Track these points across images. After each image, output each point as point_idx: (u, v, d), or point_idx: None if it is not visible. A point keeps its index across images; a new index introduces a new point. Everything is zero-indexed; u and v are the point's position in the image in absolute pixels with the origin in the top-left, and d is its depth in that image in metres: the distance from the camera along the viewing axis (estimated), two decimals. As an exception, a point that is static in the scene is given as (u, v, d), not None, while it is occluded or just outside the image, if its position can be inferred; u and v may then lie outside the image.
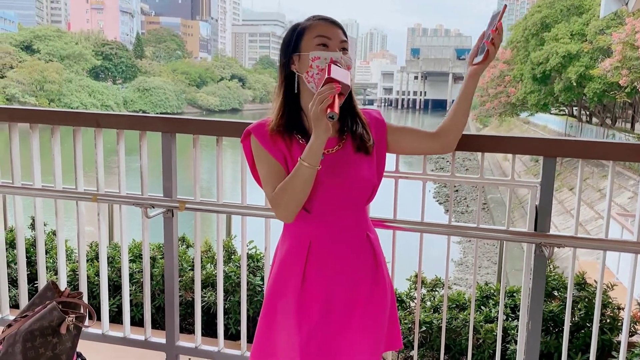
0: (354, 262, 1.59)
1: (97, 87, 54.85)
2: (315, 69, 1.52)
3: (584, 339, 2.46)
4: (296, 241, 1.59)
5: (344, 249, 1.58)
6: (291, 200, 1.50)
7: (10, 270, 2.99)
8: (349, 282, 1.59)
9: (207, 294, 2.87)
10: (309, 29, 1.55)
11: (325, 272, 1.58)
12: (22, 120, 2.44)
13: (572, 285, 2.07)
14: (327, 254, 1.58)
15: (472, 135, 1.96)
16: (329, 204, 1.55)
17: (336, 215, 1.56)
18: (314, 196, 1.52)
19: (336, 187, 1.55)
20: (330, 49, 1.52)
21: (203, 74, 70.92)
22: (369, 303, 1.61)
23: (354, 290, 1.59)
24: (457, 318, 2.63)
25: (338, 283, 1.58)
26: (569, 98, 23.36)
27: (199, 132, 2.28)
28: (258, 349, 1.65)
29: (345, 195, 1.56)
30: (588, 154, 1.97)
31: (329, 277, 1.57)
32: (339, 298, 1.58)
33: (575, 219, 2.02)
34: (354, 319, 1.59)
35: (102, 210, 2.46)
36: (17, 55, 50.17)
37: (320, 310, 1.57)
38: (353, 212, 1.59)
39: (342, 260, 1.58)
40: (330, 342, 1.58)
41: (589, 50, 20.75)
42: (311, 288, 1.58)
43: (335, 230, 1.57)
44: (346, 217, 1.58)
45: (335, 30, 1.55)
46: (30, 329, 1.87)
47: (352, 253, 1.59)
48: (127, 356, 2.51)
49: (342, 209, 1.57)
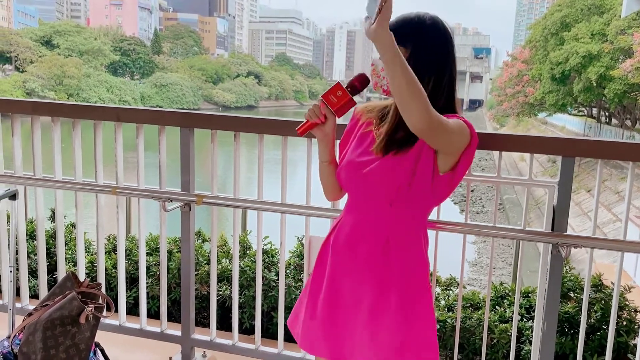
0: (364, 259, 1.54)
1: (115, 83, 55.37)
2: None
3: (599, 341, 2.43)
4: (332, 228, 1.68)
5: (357, 241, 1.56)
6: (323, 187, 1.71)
7: (30, 261, 3.04)
8: (355, 279, 1.56)
9: (222, 288, 2.90)
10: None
11: (338, 255, 1.60)
12: (45, 113, 2.48)
13: (589, 287, 2.05)
14: (343, 239, 1.59)
15: (490, 134, 1.96)
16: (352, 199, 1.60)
17: (358, 202, 1.57)
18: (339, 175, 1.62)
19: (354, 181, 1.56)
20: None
21: (219, 70, 71.23)
22: (375, 314, 1.53)
23: (359, 291, 1.56)
24: (472, 317, 2.62)
25: (346, 275, 1.58)
26: (589, 99, 23.07)
27: (218, 128, 2.30)
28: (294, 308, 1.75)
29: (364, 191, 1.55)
30: (607, 154, 1.95)
31: (339, 262, 1.60)
32: (345, 290, 1.58)
33: (593, 218, 2.01)
34: (357, 323, 1.57)
35: (120, 203, 2.49)
36: (37, 50, 50.84)
37: (327, 291, 1.60)
38: (375, 205, 1.52)
39: (353, 253, 1.57)
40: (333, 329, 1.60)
41: (609, 51, 20.47)
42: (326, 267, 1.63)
43: (356, 217, 1.57)
44: (367, 208, 1.54)
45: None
46: (51, 318, 1.91)
47: (364, 249, 1.55)
48: (143, 347, 2.55)
49: (364, 199, 1.55)
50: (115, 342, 2.44)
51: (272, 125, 2.25)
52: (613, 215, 14.66)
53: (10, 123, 2.51)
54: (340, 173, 1.61)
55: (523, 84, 27.20)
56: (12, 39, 49.68)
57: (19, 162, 2.54)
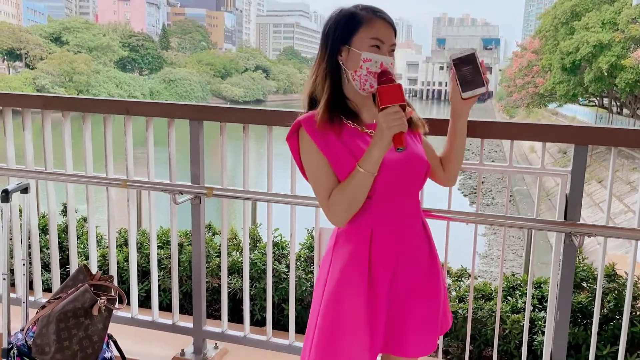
0: (413, 247, 1.59)
1: (124, 78, 55.60)
2: (364, 71, 1.49)
3: (612, 331, 2.41)
4: (356, 232, 1.55)
5: (405, 232, 1.57)
6: (350, 205, 1.50)
7: (43, 255, 3.07)
8: (409, 267, 1.58)
9: (233, 280, 2.91)
10: (366, 25, 1.50)
11: (390, 258, 1.56)
12: (55, 107, 2.49)
13: (602, 276, 2.03)
14: (390, 239, 1.55)
15: (502, 123, 1.94)
16: (393, 183, 1.53)
17: (395, 198, 1.55)
18: (379, 176, 1.48)
19: (401, 164, 1.53)
20: (381, 52, 1.50)
21: (227, 65, 71.27)
22: (426, 291, 1.61)
23: (413, 276, 1.58)
24: (483, 308, 2.61)
25: (401, 269, 1.57)
26: (600, 89, 22.81)
27: (227, 120, 2.31)
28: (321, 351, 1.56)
29: (408, 173, 1.55)
30: (621, 141, 1.92)
31: (393, 263, 1.56)
32: (401, 284, 1.57)
33: (607, 206, 1.98)
34: (413, 306, 1.58)
35: (131, 197, 2.50)
36: (46, 47, 51.16)
37: (387, 300, 1.56)
38: (411, 195, 1.59)
39: (403, 245, 1.57)
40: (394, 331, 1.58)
41: (620, 40, 20.21)
42: (378, 279, 1.55)
43: (396, 213, 1.55)
44: (405, 200, 1.57)
45: (390, 32, 1.52)
46: (64, 310, 1.93)
47: (411, 237, 1.59)
48: (155, 339, 2.57)
49: (402, 191, 1.56)
50: (128, 334, 2.46)
51: (280, 116, 2.24)
52: (625, 206, 14.52)
53: (21, 118, 2.53)
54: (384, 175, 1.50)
55: (533, 75, 26.94)
56: (22, 36, 50.03)
57: (30, 157, 2.56)
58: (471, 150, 28.90)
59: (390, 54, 1.53)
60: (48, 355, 1.93)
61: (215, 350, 2.47)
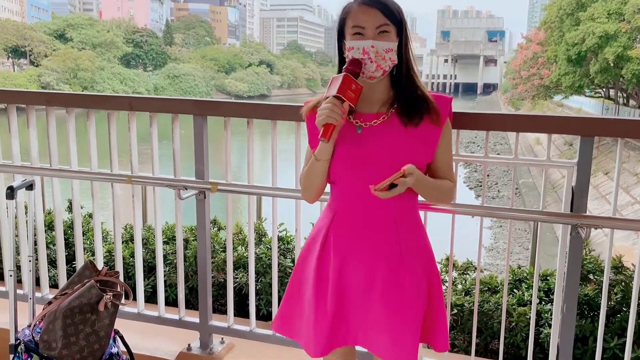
0: (373, 246, 1.57)
1: (129, 75, 55.66)
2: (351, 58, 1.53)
3: (620, 323, 2.40)
4: (325, 213, 1.67)
5: (365, 228, 1.58)
6: (307, 186, 1.65)
7: (49, 251, 3.08)
8: (365, 263, 1.57)
9: (238, 275, 2.91)
10: (349, 16, 1.55)
11: (342, 247, 1.59)
12: (59, 104, 2.49)
13: (609, 268, 2.02)
14: (347, 229, 1.59)
15: (507, 115, 1.93)
16: (353, 176, 1.55)
17: (362, 189, 1.52)
18: (341, 166, 1.56)
19: (361, 160, 1.55)
20: (365, 37, 1.51)
21: (231, 60, 71.20)
22: (390, 294, 1.56)
23: (370, 273, 1.57)
24: (489, 301, 2.61)
25: (353, 262, 1.58)
26: (606, 80, 22.65)
27: (230, 115, 2.30)
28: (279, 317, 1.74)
29: (368, 163, 1.54)
30: (628, 132, 1.90)
31: (344, 253, 1.59)
32: (353, 277, 1.58)
33: (613, 197, 1.96)
34: (371, 305, 1.57)
35: (136, 193, 2.51)
36: (51, 44, 51.25)
37: (334, 286, 1.59)
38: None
39: (359, 240, 1.58)
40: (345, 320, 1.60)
41: (627, 30, 20.05)
42: (328, 262, 1.61)
43: (359, 205, 1.57)
44: (373, 196, 1.52)
45: (372, 13, 1.51)
46: (70, 306, 1.93)
47: (372, 236, 1.57)
48: (161, 334, 2.57)
49: (365, 180, 1.51)
50: (135, 329, 2.46)
51: (284, 110, 2.24)
52: (631, 198, 14.45)
53: (26, 115, 2.53)
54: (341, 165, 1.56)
55: (538, 67, 26.80)
56: (26, 33, 50.12)
57: (35, 154, 2.56)
58: (476, 143, 28.75)
59: (379, 36, 1.51)
60: (55, 351, 1.94)
61: (222, 345, 2.47)
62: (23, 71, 48.08)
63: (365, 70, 1.52)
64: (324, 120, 1.48)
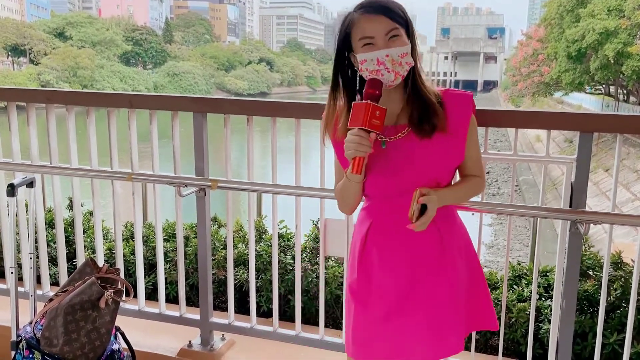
0: (415, 247, 1.57)
1: (128, 73, 55.63)
2: (366, 72, 1.48)
3: (619, 319, 2.41)
4: (360, 223, 1.65)
5: (402, 234, 1.54)
6: (342, 202, 1.65)
7: (50, 249, 3.08)
8: (408, 267, 1.57)
9: (238, 272, 2.92)
10: (354, 27, 1.47)
11: (384, 253, 1.58)
12: (58, 101, 2.50)
13: (609, 264, 2.03)
14: (385, 238, 1.58)
15: (507, 111, 1.93)
16: (386, 190, 1.56)
17: (397, 201, 1.54)
18: (372, 182, 1.55)
19: (392, 175, 1.53)
20: (376, 47, 1.46)
21: (231, 57, 71.16)
22: (431, 294, 1.57)
23: (413, 276, 1.57)
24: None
25: (397, 266, 1.57)
26: (606, 76, 22.64)
27: (230, 112, 2.30)
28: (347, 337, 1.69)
29: (402, 182, 1.53)
30: (627, 128, 1.90)
31: (387, 259, 1.58)
32: (396, 286, 1.57)
33: (612, 194, 1.97)
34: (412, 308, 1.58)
35: (136, 190, 2.51)
36: (50, 42, 51.23)
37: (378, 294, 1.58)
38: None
39: (401, 246, 1.57)
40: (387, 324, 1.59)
41: (627, 27, 20.01)
42: (370, 270, 1.59)
43: (395, 215, 1.54)
44: (406, 202, 1.50)
45: (378, 20, 1.45)
46: (71, 303, 1.94)
47: (412, 239, 1.55)
48: (162, 331, 2.58)
49: (403, 196, 1.51)
50: (136, 326, 2.47)
51: (284, 107, 2.24)
52: (631, 194, 14.45)
53: (26, 113, 2.54)
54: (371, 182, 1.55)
55: (538, 63, 26.78)
56: (26, 31, 50.09)
57: (35, 151, 2.57)
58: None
59: (390, 42, 1.46)
60: (56, 347, 1.95)
61: (223, 342, 2.48)
62: (22, 70, 48.04)
63: (383, 81, 1.47)
64: (354, 154, 1.44)
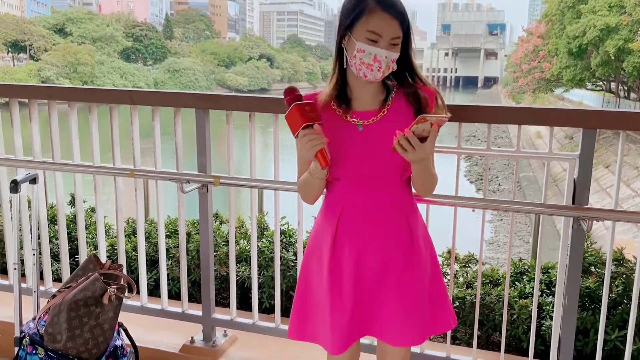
0: (385, 232, 1.60)
1: (129, 69, 55.55)
2: (358, 60, 1.51)
3: (621, 316, 2.41)
4: (330, 208, 1.65)
5: (376, 217, 1.60)
6: (304, 194, 1.69)
7: (52, 246, 3.09)
8: (380, 251, 1.60)
9: (240, 268, 2.92)
10: (367, 16, 1.48)
11: (356, 240, 1.60)
12: (61, 97, 2.50)
13: (611, 261, 2.03)
14: (358, 222, 1.60)
15: (510, 107, 1.93)
16: (359, 173, 1.58)
17: (368, 184, 1.58)
18: (344, 165, 1.57)
19: (366, 157, 1.56)
20: (379, 45, 1.49)
21: (231, 54, 71.00)
22: (403, 281, 1.60)
23: (385, 261, 1.60)
24: (491, 294, 2.62)
25: (369, 252, 1.60)
26: (607, 73, 22.60)
27: (232, 108, 2.30)
28: (293, 323, 1.71)
29: (375, 166, 1.56)
30: (630, 125, 1.91)
31: (359, 245, 1.60)
32: (369, 268, 1.60)
33: (615, 190, 1.97)
34: (386, 293, 1.60)
35: (138, 186, 2.51)
36: (50, 38, 51.12)
37: (350, 280, 1.60)
38: (386, 183, 1.60)
39: (373, 229, 1.60)
40: (362, 312, 1.61)
41: (628, 23, 19.97)
42: (343, 258, 1.61)
43: (367, 198, 1.59)
44: (379, 187, 1.59)
45: (392, 24, 1.48)
46: (74, 299, 1.94)
47: (384, 223, 1.60)
48: (165, 327, 2.59)
49: (374, 179, 1.58)
50: (138, 322, 2.47)
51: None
52: (632, 191, 14.45)
53: (28, 110, 2.53)
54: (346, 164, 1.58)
55: (539, 60, 26.71)
56: (26, 27, 49.99)
57: (38, 147, 2.57)
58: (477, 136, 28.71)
59: (392, 47, 1.51)
60: (60, 343, 1.95)
61: (225, 338, 2.49)
62: (22, 66, 47.98)
63: (368, 75, 1.52)
64: (313, 151, 1.48)
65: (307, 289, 1.70)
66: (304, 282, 1.71)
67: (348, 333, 1.61)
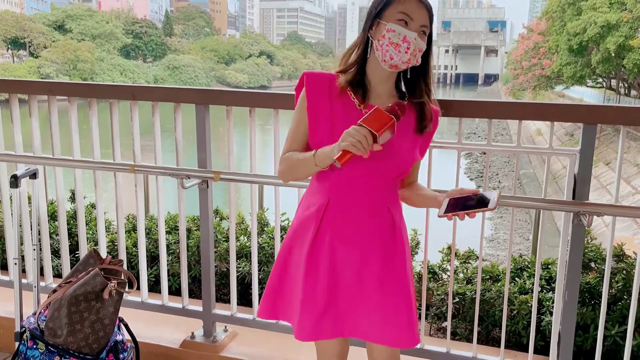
0: (369, 229, 1.61)
1: (128, 66, 55.51)
2: (387, 40, 1.52)
3: (621, 311, 2.42)
4: (316, 198, 1.64)
5: (362, 212, 1.60)
6: (291, 172, 1.64)
7: (52, 241, 3.09)
8: (360, 247, 1.60)
9: (241, 264, 2.93)
10: (398, 1, 1.52)
11: (338, 232, 1.60)
12: (61, 93, 2.49)
13: (611, 256, 2.03)
14: (342, 215, 1.60)
15: (511, 103, 1.93)
16: (355, 167, 1.55)
17: (361, 180, 1.59)
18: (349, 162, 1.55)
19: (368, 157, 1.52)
20: (409, 28, 1.51)
21: (231, 51, 70.96)
22: (384, 278, 1.61)
23: (367, 256, 1.60)
24: (491, 290, 2.62)
25: (348, 246, 1.60)
26: (607, 70, 22.59)
27: (232, 104, 2.30)
28: (263, 300, 1.73)
29: (374, 164, 1.56)
30: (631, 120, 1.91)
31: (341, 237, 1.60)
32: (349, 262, 1.60)
33: (615, 186, 1.97)
34: (366, 291, 1.60)
35: (138, 182, 2.51)
36: (50, 35, 51.10)
37: (327, 270, 1.60)
38: (379, 181, 1.61)
39: (358, 224, 1.60)
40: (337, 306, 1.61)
41: (628, 20, 19.96)
42: (322, 245, 1.61)
43: (356, 193, 1.60)
44: (370, 183, 1.59)
45: (422, 12, 1.52)
46: (75, 294, 1.94)
47: (368, 219, 1.60)
48: (165, 323, 2.59)
49: (368, 177, 1.59)
50: (139, 318, 2.48)
51: (287, 99, 2.24)
52: (632, 188, 14.45)
53: (28, 106, 2.53)
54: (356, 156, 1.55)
55: (539, 57, 26.72)
56: (26, 24, 49.96)
57: (38, 143, 2.56)
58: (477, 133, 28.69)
59: (421, 36, 1.53)
60: (60, 338, 1.96)
61: (225, 333, 2.49)
62: (22, 63, 47.94)
63: (394, 57, 1.51)
64: (348, 148, 1.43)
65: (285, 268, 1.70)
66: (283, 260, 1.70)
67: (318, 322, 1.60)
